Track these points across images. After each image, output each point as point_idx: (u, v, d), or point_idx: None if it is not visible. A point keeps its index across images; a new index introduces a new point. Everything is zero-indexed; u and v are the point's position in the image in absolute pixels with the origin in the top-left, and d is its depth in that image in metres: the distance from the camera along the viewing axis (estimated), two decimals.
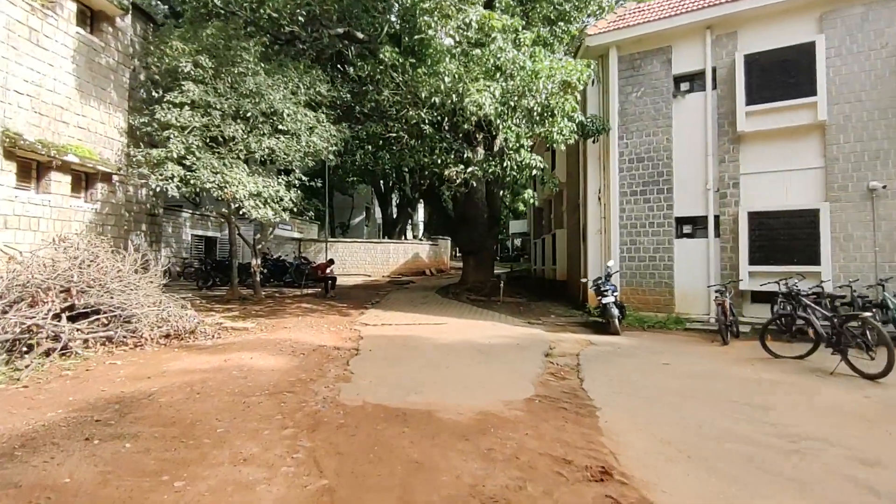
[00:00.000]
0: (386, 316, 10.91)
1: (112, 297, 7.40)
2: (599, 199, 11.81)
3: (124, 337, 7.25)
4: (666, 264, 10.78)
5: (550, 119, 9.93)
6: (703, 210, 10.42)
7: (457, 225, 16.37)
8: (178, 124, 8.67)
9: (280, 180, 9.89)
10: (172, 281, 17.71)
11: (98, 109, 9.26)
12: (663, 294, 10.79)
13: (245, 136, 9.17)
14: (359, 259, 26.35)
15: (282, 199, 9.69)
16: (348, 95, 12.16)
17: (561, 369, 6.23)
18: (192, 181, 8.48)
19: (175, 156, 8.47)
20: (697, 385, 5.45)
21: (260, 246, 14.83)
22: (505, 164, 10.82)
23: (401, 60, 11.46)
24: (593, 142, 11.62)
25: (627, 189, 11.21)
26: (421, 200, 35.23)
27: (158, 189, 8.50)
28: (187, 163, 8.64)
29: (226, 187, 8.48)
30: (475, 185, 12.58)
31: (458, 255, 37.94)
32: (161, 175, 8.46)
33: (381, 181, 32.35)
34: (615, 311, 8.84)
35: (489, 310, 12.20)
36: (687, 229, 10.73)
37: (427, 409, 4.52)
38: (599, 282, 9.78)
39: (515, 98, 9.26)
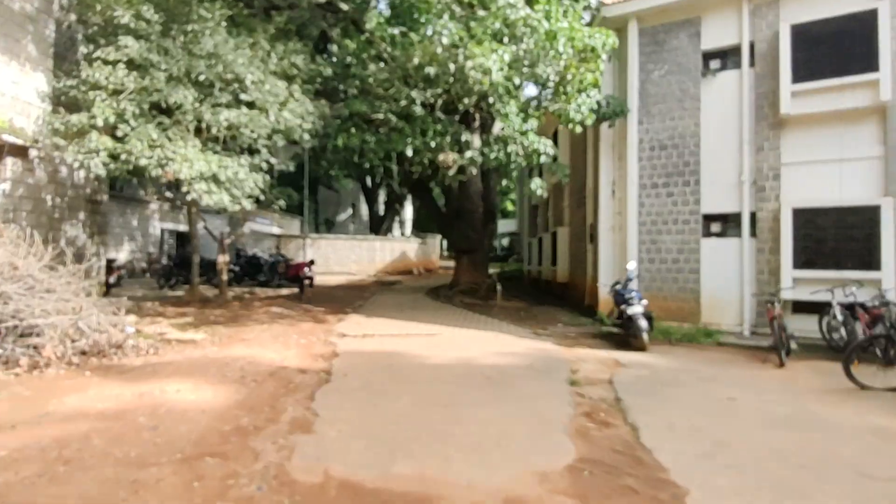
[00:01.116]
0: (369, 324, 9.31)
1: (6, 304, 5.69)
2: (614, 192, 10.38)
3: (21, 355, 5.56)
4: (692, 267, 9.38)
5: (565, 96, 8.43)
6: (735, 206, 9.04)
7: (450, 221, 14.80)
8: (109, 85, 6.90)
9: (242, 161, 8.16)
10: (134, 279, 15.97)
11: (8, 66, 7.37)
12: (688, 301, 9.40)
13: (196, 105, 7.41)
14: (342, 257, 24.61)
15: (243, 184, 7.96)
16: (329, 71, 10.50)
17: (597, 407, 4.72)
18: (122, 155, 6.72)
19: (101, 123, 6.69)
20: (795, 440, 3.93)
21: (230, 240, 13.10)
22: (509, 150, 9.28)
23: (389, 30, 9.88)
24: (609, 126, 10.15)
25: (647, 181, 9.79)
26: (409, 196, 33.49)
27: (78, 165, 6.72)
28: (119, 133, 6.87)
29: (167, 165, 6.76)
30: (473, 172, 11.02)
31: (446, 254, 36.35)
32: (84, 148, 6.69)
33: (368, 176, 30.60)
34: (644, 324, 7.34)
35: (487, 316, 10.68)
36: (716, 228, 9.34)
37: (424, 494, 2.93)
38: (618, 287, 8.34)
39: (527, 65, 7.71)
